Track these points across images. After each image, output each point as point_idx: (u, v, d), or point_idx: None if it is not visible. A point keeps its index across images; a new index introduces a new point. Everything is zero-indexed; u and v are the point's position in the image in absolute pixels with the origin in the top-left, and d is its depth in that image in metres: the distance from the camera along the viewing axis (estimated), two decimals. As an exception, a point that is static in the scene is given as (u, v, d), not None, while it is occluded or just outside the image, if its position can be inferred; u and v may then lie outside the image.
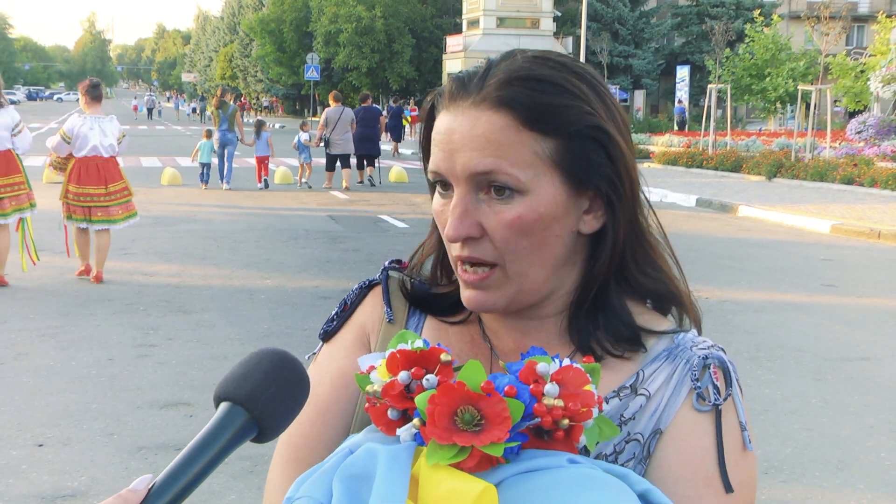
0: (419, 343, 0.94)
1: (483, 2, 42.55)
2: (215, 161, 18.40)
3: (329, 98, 18.76)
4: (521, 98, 0.97)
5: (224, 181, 18.31)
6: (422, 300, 1.13)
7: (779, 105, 32.27)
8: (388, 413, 0.92)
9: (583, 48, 34.06)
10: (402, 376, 0.91)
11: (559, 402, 0.86)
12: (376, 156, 19.46)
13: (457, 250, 1.00)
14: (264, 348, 0.84)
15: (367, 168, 19.53)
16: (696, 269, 9.87)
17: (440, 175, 1.00)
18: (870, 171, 18.43)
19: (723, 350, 1.03)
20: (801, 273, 10.06)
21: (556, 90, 0.98)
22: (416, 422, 0.88)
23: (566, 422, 0.87)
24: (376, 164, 19.58)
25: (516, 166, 0.96)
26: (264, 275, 9.37)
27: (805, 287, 9.24)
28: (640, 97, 48.12)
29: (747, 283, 9.39)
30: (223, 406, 0.80)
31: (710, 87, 24.74)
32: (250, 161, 20.29)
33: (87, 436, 4.87)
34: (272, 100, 72.83)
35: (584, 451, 0.92)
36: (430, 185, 1.08)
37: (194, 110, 65.17)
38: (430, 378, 0.89)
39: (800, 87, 22.57)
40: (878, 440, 5.07)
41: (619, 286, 1.05)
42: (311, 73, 44.90)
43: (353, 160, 19.15)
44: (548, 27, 43.84)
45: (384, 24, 49.92)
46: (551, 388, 0.87)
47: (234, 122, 18.04)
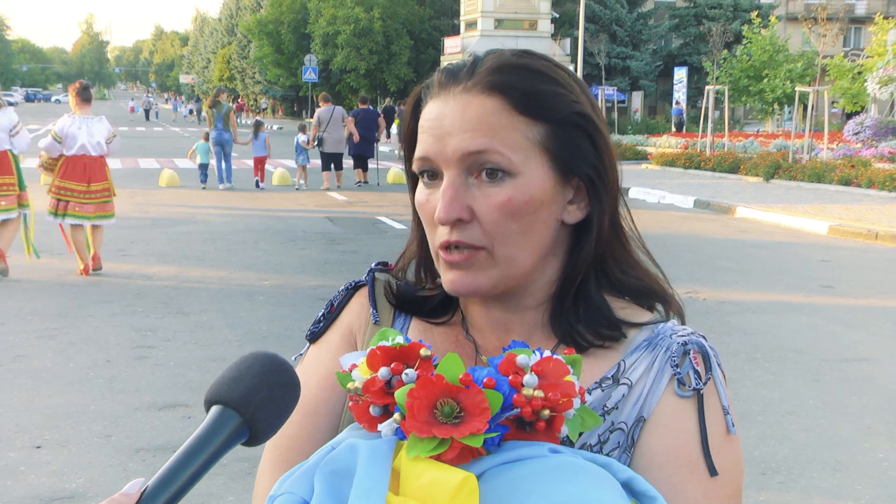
0: (399, 339, 0.95)
1: (481, 3, 42.61)
2: (213, 162, 18.49)
3: (319, 99, 19.11)
4: (513, 82, 0.99)
5: (224, 181, 18.39)
6: (407, 302, 1.14)
7: (776, 106, 32.26)
8: (370, 410, 0.92)
9: (580, 50, 34.07)
10: (383, 372, 0.91)
11: (539, 393, 0.87)
12: (369, 157, 19.67)
13: (444, 235, 1.00)
14: (255, 351, 0.85)
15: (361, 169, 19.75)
16: (693, 271, 9.88)
17: (428, 161, 1.01)
18: (867, 172, 18.45)
19: (703, 337, 1.04)
20: (799, 274, 10.07)
21: (545, 78, 1.01)
22: (396, 416, 0.89)
23: (547, 412, 0.87)
24: (369, 165, 19.81)
25: (508, 147, 0.98)
26: (263, 276, 9.37)
27: (803, 288, 9.25)
28: (637, 98, 48.14)
29: (745, 284, 9.40)
30: (215, 409, 0.80)
31: (707, 88, 24.77)
32: (248, 163, 20.31)
33: (85, 437, 4.87)
34: (271, 101, 72.81)
35: (568, 441, 0.92)
36: (411, 180, 1.09)
37: (191, 111, 65.13)
38: (409, 372, 0.90)
39: (797, 89, 22.60)
40: (876, 441, 5.07)
41: (599, 280, 1.07)
42: (309, 75, 44.83)
43: (348, 161, 19.35)
44: (545, 29, 43.89)
45: (382, 25, 49.91)
46: (530, 378, 0.87)
47: (227, 121, 18.09)
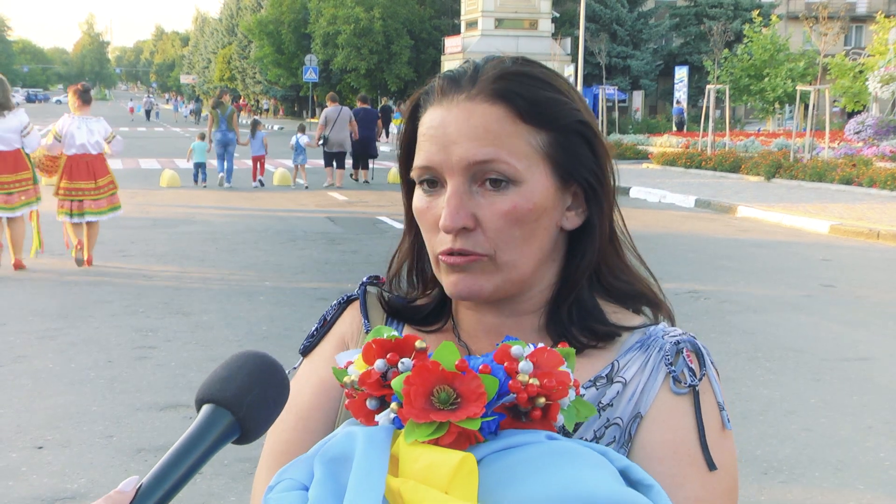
0: (394, 333, 0.96)
1: (481, 3, 42.56)
2: (212, 162, 18.58)
3: (326, 99, 19.38)
4: (517, 90, 1.00)
5: (225, 180, 18.73)
6: (399, 311, 1.15)
7: (777, 105, 32.26)
8: (367, 403, 0.93)
9: (581, 49, 34.05)
10: (379, 364, 0.92)
11: (534, 381, 0.87)
12: (373, 156, 19.90)
13: (448, 242, 1.01)
14: (246, 351, 0.86)
15: (362, 169, 19.96)
16: (694, 270, 9.88)
17: (431, 170, 1.01)
18: (868, 171, 18.44)
19: (694, 336, 1.06)
20: (800, 273, 10.07)
21: (547, 87, 1.03)
22: (393, 405, 0.89)
23: (542, 400, 0.87)
24: (370, 164, 20.04)
25: (513, 156, 0.99)
26: (263, 276, 9.38)
27: (804, 287, 9.25)
28: (638, 98, 48.15)
29: (746, 283, 9.39)
30: (206, 408, 0.81)
31: (708, 87, 24.75)
32: (247, 163, 20.36)
33: (86, 438, 4.87)
34: (272, 101, 72.82)
35: (564, 432, 0.93)
36: (406, 185, 1.10)
37: (192, 112, 65.18)
38: (406, 361, 0.91)
39: (798, 88, 22.59)
40: (877, 440, 5.07)
41: (591, 285, 1.08)
42: (310, 75, 44.87)
43: (348, 161, 19.60)
44: (546, 28, 43.85)
45: (382, 25, 49.91)
46: (525, 365, 0.88)
47: (231, 122, 18.46)
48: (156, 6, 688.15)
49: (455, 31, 48.30)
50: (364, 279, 1.21)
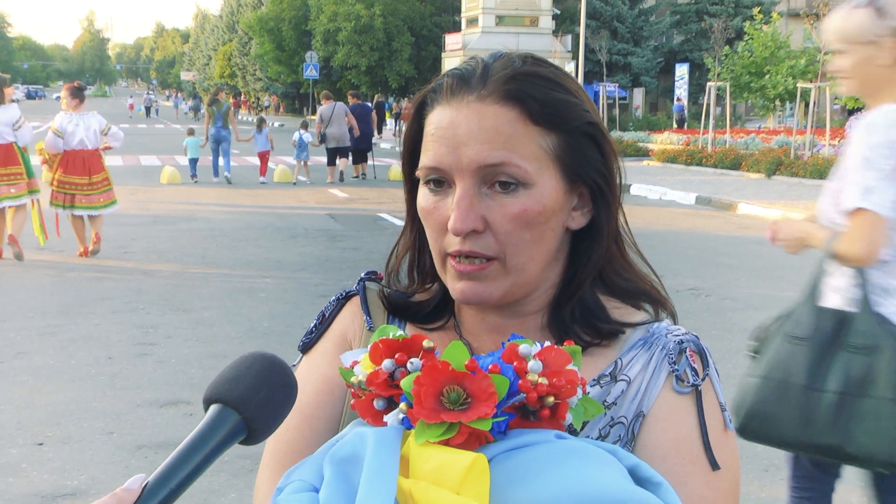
0: (400, 332, 0.95)
1: (482, 0, 42.54)
2: (207, 158, 19.02)
3: (320, 97, 20.00)
4: (528, 91, 0.99)
5: (218, 175, 19.08)
6: (400, 308, 1.14)
7: (778, 103, 32.21)
8: (375, 403, 0.92)
9: (581, 46, 34.04)
10: (386, 364, 0.91)
11: (543, 380, 0.87)
12: (367, 150, 20.23)
13: (456, 245, 1.00)
14: (254, 352, 0.86)
15: (360, 164, 20.30)
16: (695, 267, 9.87)
17: (440, 170, 1.00)
18: (869, 168, 18.41)
19: (697, 336, 1.06)
20: (801, 270, 10.02)
21: (558, 87, 1.01)
22: (403, 406, 0.89)
23: (551, 399, 0.88)
24: (369, 158, 20.33)
25: (524, 159, 0.98)
26: (264, 273, 9.38)
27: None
28: (639, 95, 48.12)
29: (747, 280, 9.39)
30: (214, 408, 0.81)
31: (709, 84, 24.76)
32: (249, 160, 20.40)
33: (86, 434, 4.88)
34: (273, 98, 72.80)
35: (571, 430, 0.93)
36: (409, 183, 1.09)
37: (191, 109, 65.18)
38: (415, 361, 0.90)
39: (799, 85, 22.59)
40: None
41: (594, 283, 1.08)
42: (311, 72, 44.87)
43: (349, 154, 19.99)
44: (547, 25, 43.84)
45: (383, 22, 49.88)
46: (534, 364, 0.88)
47: (227, 119, 18.80)
48: (156, 3, 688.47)
49: (456, 28, 48.29)
50: (362, 275, 1.19)
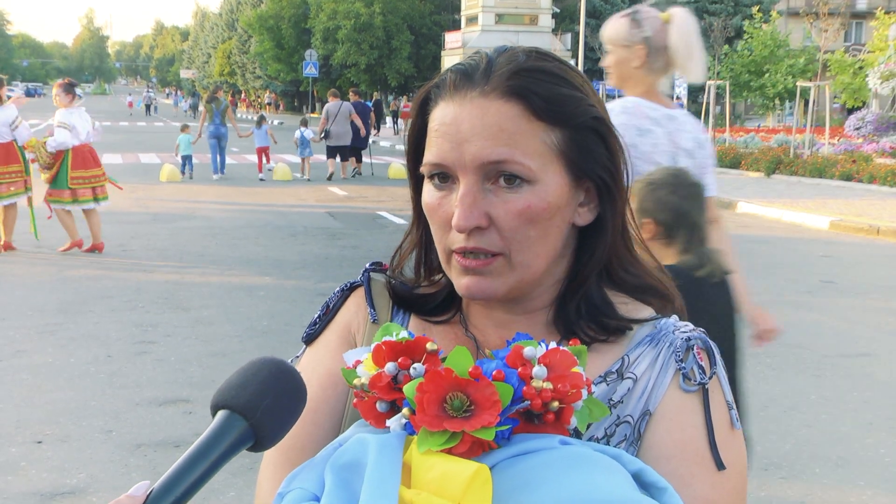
0: (404, 334, 0.94)
1: (481, -2, 42.50)
2: (203, 156, 19.25)
3: (328, 95, 20.28)
4: (532, 87, 0.98)
5: (217, 172, 19.40)
6: (406, 300, 1.13)
7: (777, 102, 32.26)
8: (377, 406, 0.91)
9: (581, 45, 34.03)
10: (389, 367, 0.90)
11: (548, 385, 0.86)
12: (362, 148, 20.58)
13: (461, 241, 0.99)
14: (262, 357, 0.84)
15: (352, 161, 20.66)
16: (695, 266, 9.85)
17: (443, 166, 0.99)
18: (868, 167, 18.44)
19: (704, 333, 1.04)
20: (800, 269, 10.06)
21: (562, 82, 1.00)
22: (405, 411, 0.88)
23: (556, 404, 0.87)
24: (364, 156, 20.78)
25: (527, 155, 0.97)
26: (263, 271, 9.37)
27: (804, 283, 9.24)
28: (638, 94, 48.04)
29: (746, 279, 9.38)
30: (221, 414, 0.80)
31: (708, 83, 24.73)
32: (248, 158, 20.41)
33: (85, 433, 4.87)
34: (273, 96, 72.75)
35: (576, 433, 0.92)
36: (414, 179, 1.08)
37: (190, 107, 65.13)
38: (418, 367, 0.89)
39: (798, 84, 22.59)
40: (878, 437, 5.07)
41: (601, 278, 1.07)
42: (310, 70, 44.84)
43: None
44: (546, 24, 43.80)
45: (383, 20, 49.86)
46: (539, 370, 0.87)
47: (225, 116, 19.30)
48: (156, 1, 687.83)
49: (455, 26, 48.24)
50: (367, 265, 1.18)
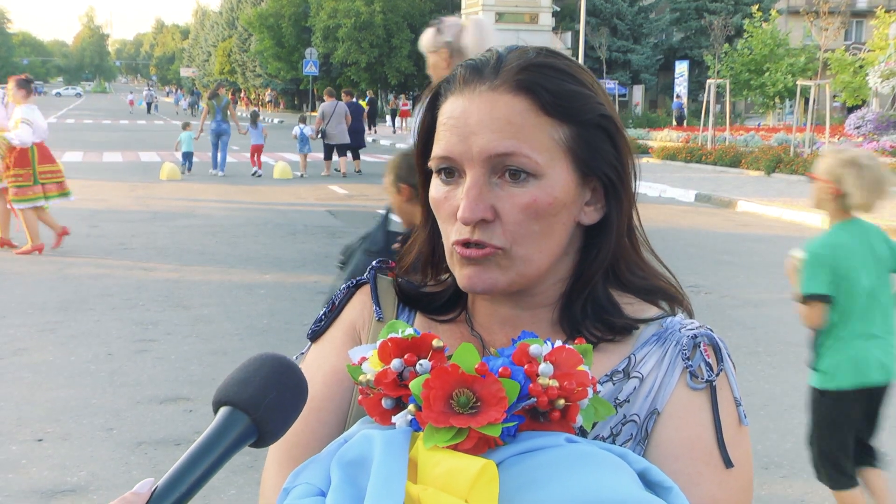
0: (410, 331, 0.94)
1: (482, -3, 42.49)
2: (204, 154, 19.45)
3: (324, 94, 20.59)
4: (541, 82, 0.98)
5: (218, 169, 19.53)
6: (412, 298, 1.13)
7: (777, 100, 32.23)
8: (382, 402, 0.91)
9: (581, 43, 34.04)
10: (395, 364, 0.90)
11: (554, 382, 0.86)
12: (361, 146, 20.85)
13: (465, 233, 0.99)
14: (264, 353, 0.85)
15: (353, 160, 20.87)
16: (695, 265, 9.87)
17: (450, 160, 0.99)
18: (869, 166, 18.41)
19: (711, 330, 1.04)
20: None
21: (571, 79, 1.01)
22: (411, 407, 0.88)
23: (562, 402, 0.86)
24: (361, 155, 21.04)
25: (535, 149, 0.97)
26: (263, 270, 9.37)
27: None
28: (638, 92, 48.15)
29: (746, 278, 9.39)
30: (224, 410, 0.80)
31: (708, 82, 24.75)
32: (248, 156, 20.43)
33: (86, 431, 4.87)
34: (274, 94, 72.72)
35: (581, 431, 0.92)
36: (423, 177, 1.08)
37: (190, 105, 65.13)
38: (424, 363, 0.89)
39: (799, 83, 22.58)
40: (879, 435, 5.06)
41: (607, 279, 1.07)
42: (310, 68, 44.85)
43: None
44: (546, 22, 43.80)
45: (383, 19, 49.86)
46: (545, 367, 0.87)
47: (227, 113, 19.44)
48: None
49: (455, 24, 48.16)
50: (373, 263, 1.18)
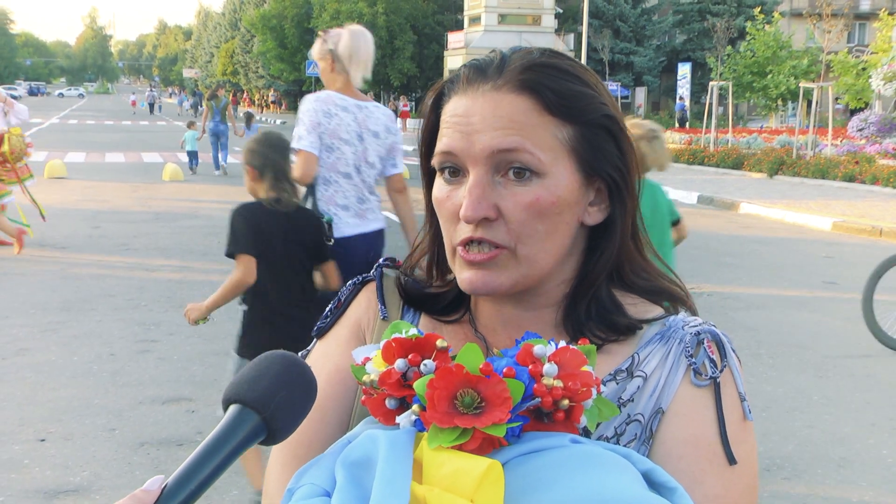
0: (414, 331, 0.94)
1: (484, -2, 42.53)
2: (206, 155, 19.89)
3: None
4: (544, 82, 0.98)
5: (217, 168, 19.90)
6: (416, 299, 1.13)
7: (780, 102, 32.26)
8: (386, 402, 0.91)
9: (584, 45, 34.04)
10: (399, 364, 0.90)
11: (558, 383, 0.86)
12: None
13: (468, 232, 0.99)
14: (274, 352, 0.85)
15: None
16: (697, 267, 9.87)
17: (453, 157, 1.00)
18: (871, 168, 18.42)
19: (714, 326, 1.04)
20: (803, 270, 10.06)
21: (575, 79, 1.01)
22: (415, 408, 0.88)
23: (566, 402, 0.86)
24: None
25: (538, 147, 0.97)
26: (266, 271, 9.35)
27: (806, 284, 9.24)
28: (641, 94, 48.13)
29: (748, 280, 9.39)
30: (234, 408, 0.80)
31: (711, 84, 24.75)
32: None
33: (88, 431, 4.88)
34: (277, 95, 72.75)
35: (585, 432, 0.92)
36: (427, 177, 1.08)
37: (192, 105, 65.19)
38: (428, 363, 0.89)
39: (801, 85, 22.58)
40: (880, 437, 5.07)
41: (611, 279, 1.06)
42: (313, 70, 44.83)
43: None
44: (549, 24, 43.85)
45: (385, 20, 49.89)
46: (550, 367, 0.87)
47: (225, 114, 19.79)
48: (159, 0, 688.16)
49: (458, 26, 48.29)
50: (381, 260, 1.18)
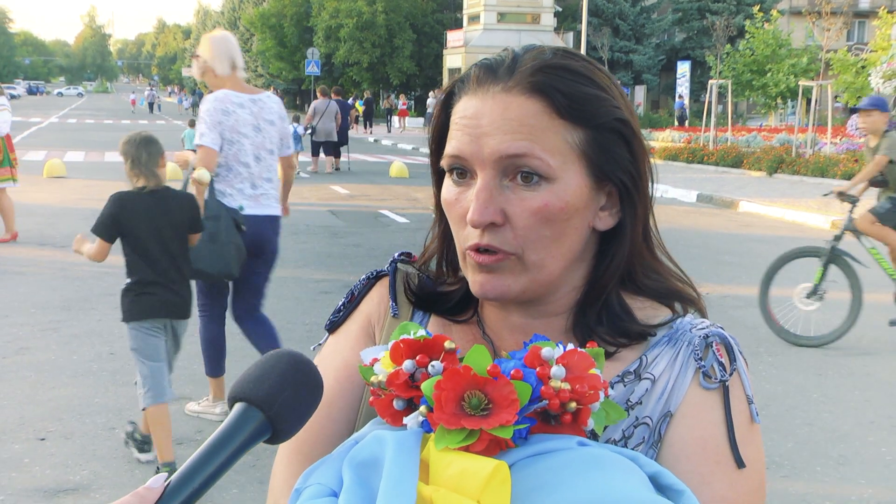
0: (422, 332, 0.94)
1: (484, -3, 42.51)
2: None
3: (317, 92, 21.27)
4: (555, 84, 0.97)
5: None
6: (426, 299, 1.12)
7: (779, 101, 32.22)
8: (394, 403, 0.91)
9: (583, 43, 34.02)
10: (407, 365, 0.90)
11: (566, 385, 0.86)
12: (344, 143, 21.37)
13: (475, 238, 0.97)
14: (281, 350, 0.85)
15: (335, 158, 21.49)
16: (696, 265, 9.87)
17: (461, 160, 0.98)
18: (870, 166, 18.41)
19: (721, 327, 1.03)
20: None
21: (587, 82, 0.99)
22: (423, 409, 0.88)
23: (573, 405, 0.86)
24: (342, 153, 21.63)
25: (548, 152, 0.95)
26: (265, 269, 9.35)
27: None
28: (640, 92, 48.12)
29: (748, 278, 9.39)
30: (238, 406, 0.80)
31: (710, 82, 24.75)
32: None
33: (89, 430, 4.88)
34: (277, 94, 72.78)
35: (593, 435, 0.91)
36: (437, 176, 1.07)
37: (192, 105, 65.09)
38: (436, 364, 0.89)
39: (801, 83, 22.58)
40: (879, 435, 5.08)
41: (622, 283, 1.05)
42: (312, 68, 44.83)
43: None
44: (548, 22, 43.82)
45: (385, 19, 49.88)
46: (557, 370, 0.87)
47: None
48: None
49: (457, 25, 48.26)
50: (395, 255, 1.17)
